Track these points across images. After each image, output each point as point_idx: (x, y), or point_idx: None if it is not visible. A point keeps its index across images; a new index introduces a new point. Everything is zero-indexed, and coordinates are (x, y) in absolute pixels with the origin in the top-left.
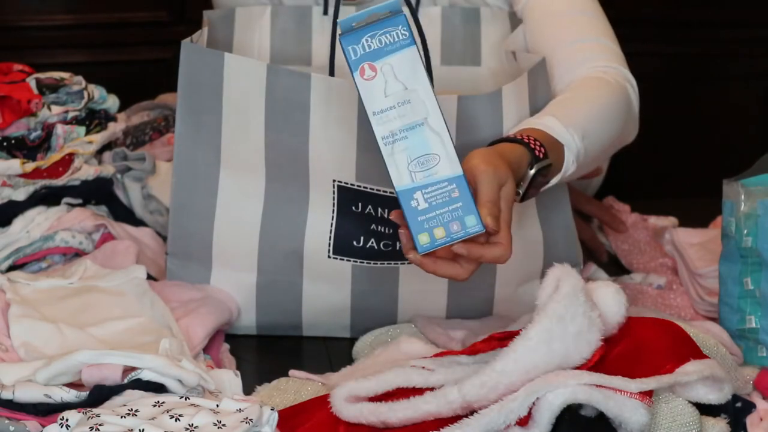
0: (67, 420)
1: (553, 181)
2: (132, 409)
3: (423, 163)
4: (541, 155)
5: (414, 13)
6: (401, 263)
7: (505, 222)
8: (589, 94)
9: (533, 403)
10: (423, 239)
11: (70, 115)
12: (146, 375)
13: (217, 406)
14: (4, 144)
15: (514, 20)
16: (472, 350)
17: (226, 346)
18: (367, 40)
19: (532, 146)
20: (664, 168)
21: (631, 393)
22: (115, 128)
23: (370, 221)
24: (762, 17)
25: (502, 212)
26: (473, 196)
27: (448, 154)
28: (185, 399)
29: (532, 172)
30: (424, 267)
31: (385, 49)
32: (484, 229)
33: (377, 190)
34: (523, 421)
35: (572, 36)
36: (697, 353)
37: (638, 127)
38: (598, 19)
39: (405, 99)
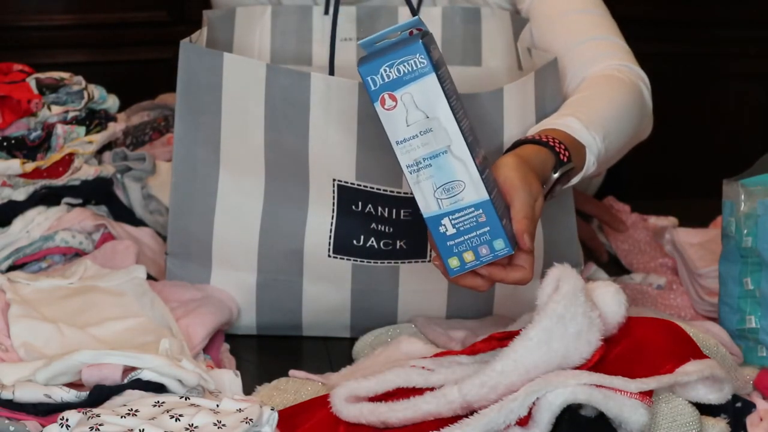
0: (67, 420)
1: (573, 181)
2: (132, 409)
3: (449, 190)
4: (565, 159)
5: (415, 13)
6: (401, 262)
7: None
8: (606, 93)
9: (533, 403)
10: (453, 263)
11: (70, 115)
12: (146, 375)
13: (217, 406)
14: (4, 144)
15: (516, 19)
16: (472, 350)
17: (226, 346)
18: (385, 70)
19: (557, 150)
20: (664, 168)
21: (630, 393)
22: (115, 128)
23: (370, 220)
24: (762, 17)
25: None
26: (507, 210)
27: (473, 180)
28: (185, 399)
29: (556, 176)
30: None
31: (404, 79)
32: (513, 251)
33: (377, 188)
34: (523, 421)
35: (583, 34)
36: (697, 353)
37: (652, 124)
38: (605, 17)
39: (427, 127)
